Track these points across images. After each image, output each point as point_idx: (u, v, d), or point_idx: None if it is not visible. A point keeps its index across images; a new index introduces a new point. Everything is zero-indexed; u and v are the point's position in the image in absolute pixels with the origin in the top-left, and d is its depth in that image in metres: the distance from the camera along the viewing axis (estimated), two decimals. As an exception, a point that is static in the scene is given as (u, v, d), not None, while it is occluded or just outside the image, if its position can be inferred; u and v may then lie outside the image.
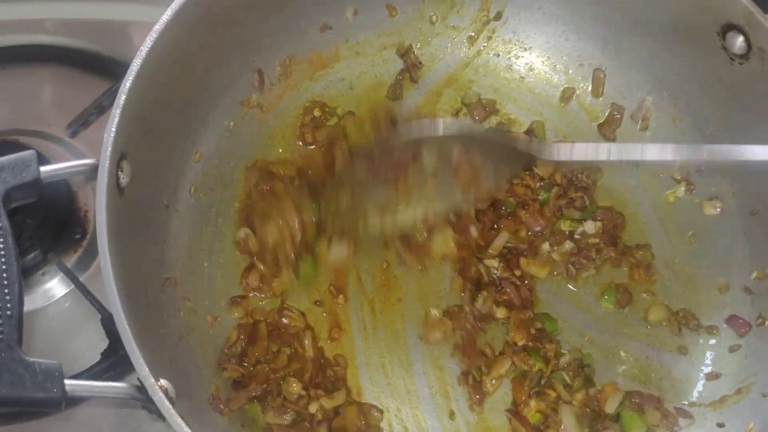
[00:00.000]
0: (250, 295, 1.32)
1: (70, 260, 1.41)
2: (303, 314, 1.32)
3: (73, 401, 1.14)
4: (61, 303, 1.40)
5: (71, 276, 1.36)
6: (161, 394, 1.01)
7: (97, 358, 1.33)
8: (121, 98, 1.10)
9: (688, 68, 1.33)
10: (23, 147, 1.43)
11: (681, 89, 1.36)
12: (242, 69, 1.36)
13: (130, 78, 1.11)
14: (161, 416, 1.03)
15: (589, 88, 1.44)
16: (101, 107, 1.46)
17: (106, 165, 1.07)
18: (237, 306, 1.31)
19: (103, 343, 1.34)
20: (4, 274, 0.99)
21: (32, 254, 1.38)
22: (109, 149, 1.08)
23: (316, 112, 1.41)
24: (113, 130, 1.09)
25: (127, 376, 1.30)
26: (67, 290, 1.41)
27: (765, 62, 1.20)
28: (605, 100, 1.43)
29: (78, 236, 1.43)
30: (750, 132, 1.27)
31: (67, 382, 0.98)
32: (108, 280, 1.03)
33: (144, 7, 1.57)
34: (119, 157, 1.10)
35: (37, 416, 1.29)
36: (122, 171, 1.11)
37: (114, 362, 1.32)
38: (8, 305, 0.98)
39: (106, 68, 1.53)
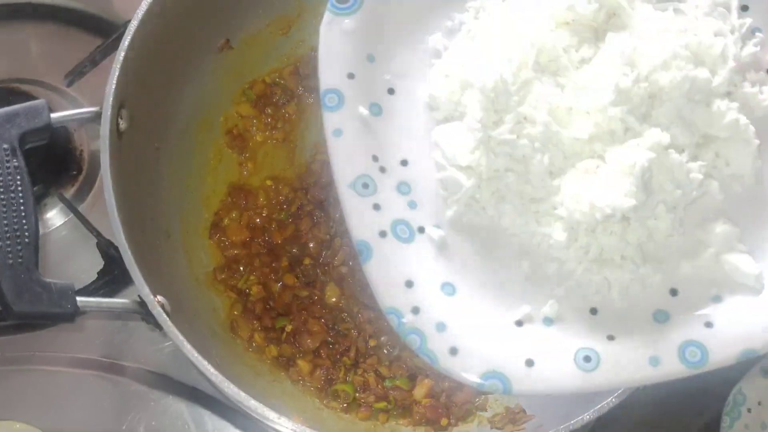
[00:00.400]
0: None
1: (68, 193, 1.40)
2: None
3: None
4: (60, 231, 1.40)
5: (70, 206, 1.35)
6: (159, 308, 1.02)
7: (94, 277, 1.33)
8: (121, 54, 1.09)
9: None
10: (24, 94, 1.41)
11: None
12: (219, 33, 1.33)
13: (128, 37, 1.11)
14: (159, 326, 1.04)
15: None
16: (94, 60, 1.43)
17: (108, 113, 1.07)
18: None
19: (99, 264, 1.34)
20: (22, 207, 0.99)
21: (35, 188, 1.35)
22: (111, 99, 1.07)
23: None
24: (114, 82, 1.08)
25: (121, 291, 1.31)
26: (65, 220, 1.40)
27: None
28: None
29: (75, 172, 1.42)
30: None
31: (78, 299, 0.99)
32: (111, 211, 1.04)
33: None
34: (119, 106, 1.09)
35: (47, 326, 1.30)
36: (121, 118, 1.10)
37: (108, 280, 1.32)
38: (26, 233, 0.98)
39: (94, 26, 1.50)
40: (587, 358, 0.86)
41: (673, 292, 0.90)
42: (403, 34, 1.01)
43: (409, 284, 0.90)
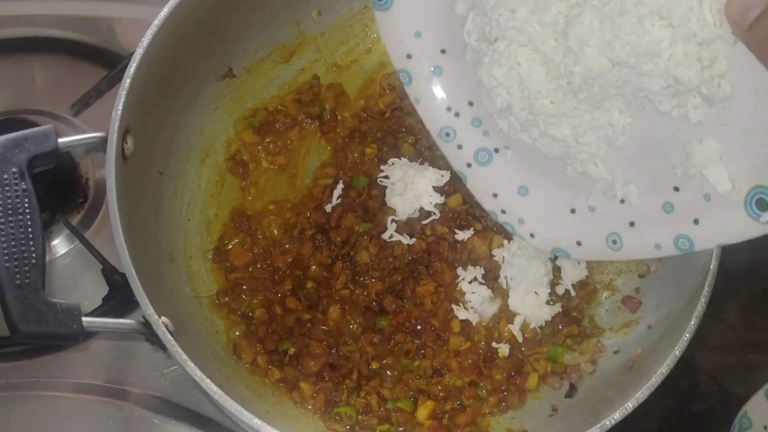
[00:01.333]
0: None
1: (74, 220, 1.42)
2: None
3: (87, 336, 1.15)
4: (65, 258, 1.42)
5: (76, 233, 1.37)
6: (163, 328, 1.04)
7: (98, 303, 1.35)
8: (127, 81, 1.12)
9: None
10: (31, 123, 1.44)
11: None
12: (221, 62, 1.37)
13: (134, 65, 1.13)
14: (162, 347, 1.06)
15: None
16: (100, 90, 1.47)
17: (114, 137, 1.09)
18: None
19: (103, 291, 1.36)
20: (30, 229, 1.01)
21: (42, 215, 1.38)
22: (117, 124, 1.10)
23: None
24: (120, 108, 1.11)
25: (125, 316, 1.32)
26: (70, 247, 1.42)
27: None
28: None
29: (81, 200, 1.44)
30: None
31: (84, 319, 1.01)
32: (117, 233, 1.06)
33: (130, 6, 1.59)
34: (124, 131, 1.12)
35: (52, 350, 1.32)
36: (127, 143, 1.13)
37: (113, 306, 1.34)
38: (33, 254, 1.00)
39: (99, 58, 1.54)
40: (614, 241, 1.15)
41: (676, 189, 1.08)
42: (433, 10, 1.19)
43: (495, 195, 1.23)
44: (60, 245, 1.42)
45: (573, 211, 1.19)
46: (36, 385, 1.30)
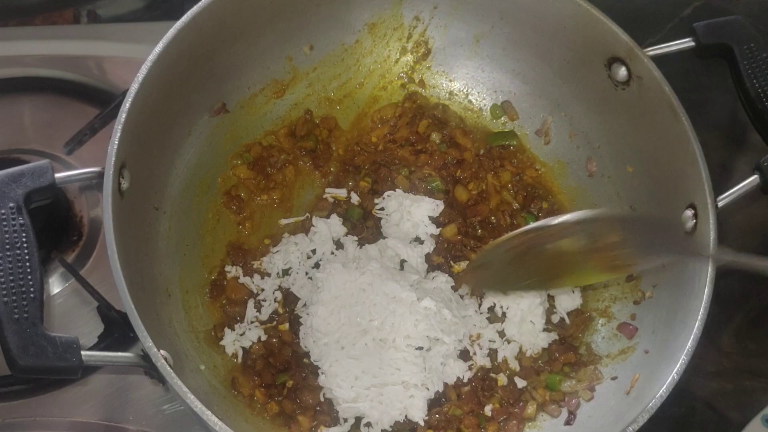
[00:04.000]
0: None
1: (69, 258, 1.42)
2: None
3: (86, 371, 1.15)
4: (59, 296, 1.41)
5: (72, 270, 1.37)
6: (163, 360, 1.03)
7: (94, 341, 1.35)
8: (122, 116, 1.13)
9: (581, 94, 1.40)
10: (25, 162, 1.41)
11: (575, 111, 1.43)
12: (215, 97, 1.38)
13: (129, 100, 1.15)
14: (162, 380, 1.06)
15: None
16: (93, 128, 1.47)
17: (111, 172, 1.10)
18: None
19: (99, 329, 1.36)
20: (27, 263, 1.01)
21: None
22: (113, 159, 1.11)
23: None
24: (116, 143, 1.12)
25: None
26: (65, 285, 1.42)
27: (642, 88, 1.29)
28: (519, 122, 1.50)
29: (75, 238, 1.44)
30: (629, 144, 1.36)
31: (83, 353, 1.00)
32: (115, 267, 1.07)
33: (119, 44, 1.61)
34: (120, 166, 1.13)
35: (49, 389, 1.31)
36: (123, 177, 1.14)
37: (110, 343, 1.34)
38: (31, 289, 1.00)
39: (91, 96, 1.55)
40: None
41: None
42: None
43: None
44: (54, 284, 1.41)
45: None
46: (33, 425, 1.29)
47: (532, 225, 1.19)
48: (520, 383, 1.30)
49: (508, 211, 1.41)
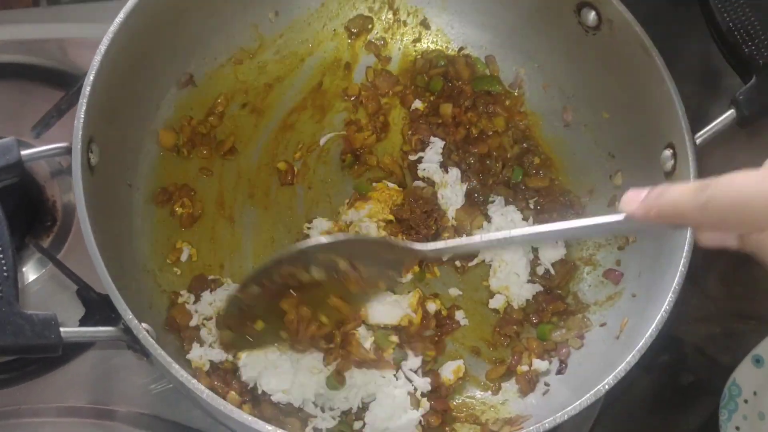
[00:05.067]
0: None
1: (45, 243, 1.39)
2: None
3: (70, 353, 1.13)
4: (36, 284, 1.38)
5: (48, 254, 1.34)
6: (145, 332, 1.01)
7: (76, 325, 1.31)
8: (86, 89, 1.11)
9: (552, 42, 1.39)
10: None
11: (547, 61, 1.42)
12: (181, 69, 1.36)
13: (93, 72, 1.12)
14: (145, 353, 1.04)
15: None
16: (60, 110, 1.44)
17: (79, 146, 1.08)
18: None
19: (79, 313, 1.33)
20: (-1, 241, 0.98)
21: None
22: (80, 132, 1.08)
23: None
24: (82, 116, 1.09)
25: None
26: (42, 271, 1.38)
27: (613, 31, 1.27)
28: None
29: (49, 223, 1.41)
30: (603, 90, 1.35)
31: (62, 329, 0.98)
32: (90, 243, 1.04)
33: (79, 26, 1.57)
34: (89, 140, 1.11)
35: (32, 376, 1.29)
36: (92, 152, 1.11)
37: (91, 326, 1.29)
38: (4, 267, 0.97)
39: (54, 79, 1.52)
40: None
41: None
42: None
43: None
44: (30, 271, 1.38)
45: None
46: (18, 413, 1.26)
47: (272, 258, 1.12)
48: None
49: (502, 157, 1.40)
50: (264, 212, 1.37)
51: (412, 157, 1.40)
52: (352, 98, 1.44)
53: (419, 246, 1.12)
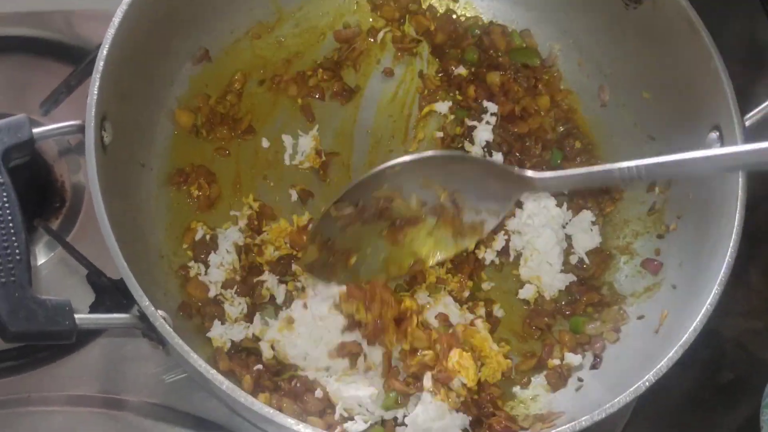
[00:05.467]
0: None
1: (54, 225, 1.41)
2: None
3: (81, 340, 1.14)
4: (45, 267, 1.40)
5: (57, 237, 1.36)
6: (161, 320, 1.03)
7: (86, 311, 1.34)
8: (100, 64, 1.12)
9: (589, 16, 1.39)
10: None
11: (583, 36, 1.42)
12: (196, 44, 1.37)
13: (106, 46, 1.14)
14: (161, 342, 1.05)
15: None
16: (69, 86, 1.45)
17: (92, 124, 1.10)
18: None
19: (90, 298, 1.35)
20: (11, 224, 1.01)
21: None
22: (93, 109, 1.10)
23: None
24: (95, 93, 1.11)
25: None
26: (51, 255, 1.41)
27: (656, 4, 1.27)
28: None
29: (57, 205, 1.43)
30: (643, 68, 1.35)
31: (76, 315, 1.00)
32: (103, 223, 1.06)
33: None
34: (102, 117, 1.12)
35: (42, 363, 1.31)
36: (105, 130, 1.13)
37: (102, 312, 1.32)
38: (17, 250, 1.00)
39: (62, 53, 1.53)
40: None
41: None
42: None
43: None
44: (39, 254, 1.40)
45: None
46: (28, 401, 1.29)
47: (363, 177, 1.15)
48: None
49: (542, 139, 1.41)
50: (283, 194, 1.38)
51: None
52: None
53: (532, 173, 1.13)
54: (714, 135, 1.21)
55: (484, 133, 1.39)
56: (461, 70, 1.44)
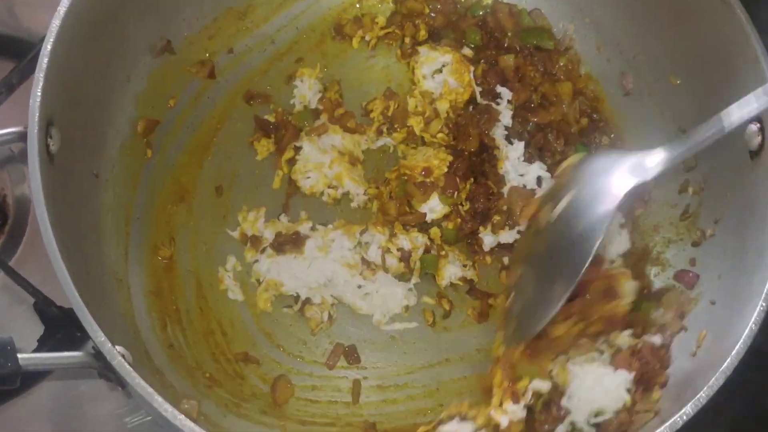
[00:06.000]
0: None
1: (-6, 247, 1.38)
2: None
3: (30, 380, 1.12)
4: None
5: (-1, 261, 1.33)
6: (120, 357, 1.00)
7: (34, 345, 1.31)
8: (44, 60, 1.09)
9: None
10: None
11: (602, 14, 1.41)
12: (156, 33, 1.35)
13: (51, 39, 1.10)
14: (120, 383, 1.02)
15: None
16: (10, 85, 1.42)
17: (35, 131, 1.06)
18: None
19: (38, 331, 1.32)
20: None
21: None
22: (37, 114, 1.07)
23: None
24: (39, 94, 1.08)
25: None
26: (-12, 286, 1.38)
27: (683, -25, 1.25)
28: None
29: (-1, 223, 1.41)
30: (671, 50, 1.33)
31: (20, 356, 0.96)
32: (50, 244, 1.02)
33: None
34: (47, 123, 1.09)
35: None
36: (51, 138, 1.10)
37: (53, 346, 1.30)
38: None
39: (2, 48, 1.51)
40: None
41: None
42: None
43: None
44: (-27, 285, 1.37)
45: None
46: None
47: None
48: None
49: (564, 133, 1.39)
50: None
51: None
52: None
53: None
54: (754, 127, 1.19)
55: (503, 118, 1.39)
56: (466, 51, 1.43)
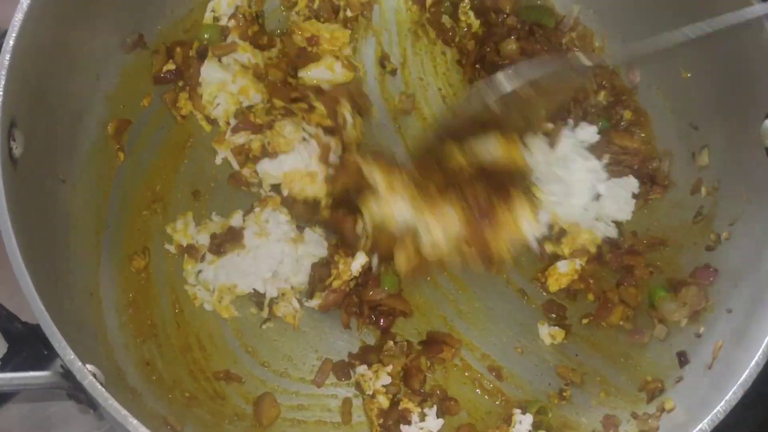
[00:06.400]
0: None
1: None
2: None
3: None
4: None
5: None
6: (91, 377, 1.00)
7: (-3, 364, 1.32)
8: (6, 58, 1.09)
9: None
10: None
11: (607, 2, 1.44)
12: (128, 27, 1.36)
13: (14, 35, 1.11)
14: (92, 404, 1.03)
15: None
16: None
17: (-3, 134, 1.07)
18: None
19: (1, 349, 1.33)
20: None
21: None
22: (-1, 114, 1.07)
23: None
24: (0, 93, 1.08)
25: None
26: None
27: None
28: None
29: (-43, 232, 1.40)
30: (680, 45, 1.32)
31: (-18, 377, 0.97)
32: (14, 255, 1.02)
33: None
34: (9, 124, 1.09)
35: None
36: (14, 140, 1.10)
37: (18, 365, 1.31)
38: None
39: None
40: None
41: None
42: None
43: None
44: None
45: None
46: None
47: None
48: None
49: (582, 103, 1.42)
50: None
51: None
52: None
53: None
54: None
55: None
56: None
